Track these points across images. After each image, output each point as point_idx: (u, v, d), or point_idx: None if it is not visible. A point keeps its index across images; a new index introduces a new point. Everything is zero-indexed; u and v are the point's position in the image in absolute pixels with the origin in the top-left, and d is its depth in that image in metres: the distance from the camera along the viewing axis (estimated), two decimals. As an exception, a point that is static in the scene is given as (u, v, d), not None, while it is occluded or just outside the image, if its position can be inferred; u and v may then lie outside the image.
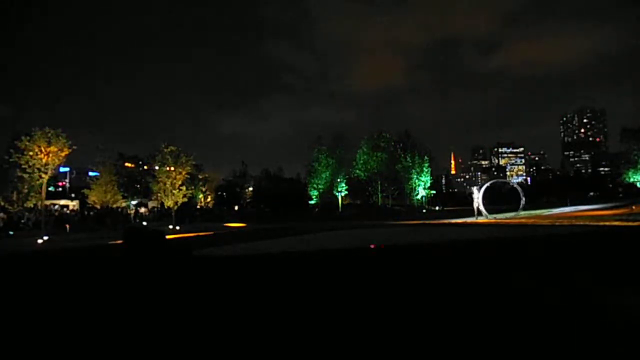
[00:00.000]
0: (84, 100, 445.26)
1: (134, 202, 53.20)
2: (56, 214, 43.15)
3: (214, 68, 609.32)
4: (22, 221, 37.99)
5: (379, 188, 77.07)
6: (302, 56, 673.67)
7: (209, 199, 71.36)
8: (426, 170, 79.44)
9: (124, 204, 52.80)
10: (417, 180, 78.39)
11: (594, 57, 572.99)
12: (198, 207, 61.34)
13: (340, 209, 72.23)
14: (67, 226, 37.46)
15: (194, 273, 10.29)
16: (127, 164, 54.52)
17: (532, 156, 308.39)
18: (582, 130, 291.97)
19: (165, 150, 41.88)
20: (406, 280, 8.04)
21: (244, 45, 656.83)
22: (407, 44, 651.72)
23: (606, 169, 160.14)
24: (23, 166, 33.06)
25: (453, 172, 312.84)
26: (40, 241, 25.85)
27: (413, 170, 78.24)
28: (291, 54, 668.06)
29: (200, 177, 53.93)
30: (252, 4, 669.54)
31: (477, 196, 30.59)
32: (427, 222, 31.22)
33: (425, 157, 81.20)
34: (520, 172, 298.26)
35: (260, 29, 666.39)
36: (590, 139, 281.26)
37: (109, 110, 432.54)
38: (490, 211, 34.06)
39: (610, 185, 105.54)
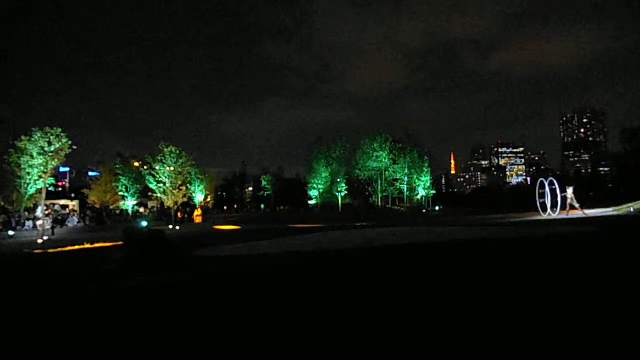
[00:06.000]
0: (84, 101, 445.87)
1: (134, 202, 53.18)
2: (58, 216, 43.04)
3: (215, 68, 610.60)
4: (22, 221, 37.95)
5: (379, 188, 77.10)
6: (302, 57, 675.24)
7: (208, 199, 71.27)
8: (426, 170, 79.35)
9: (124, 206, 52.74)
10: (417, 181, 78.33)
11: (594, 57, 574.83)
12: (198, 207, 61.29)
13: (340, 209, 72.30)
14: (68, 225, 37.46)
15: (195, 273, 10.29)
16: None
17: (532, 156, 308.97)
18: (582, 130, 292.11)
19: (166, 149, 41.81)
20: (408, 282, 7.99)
21: (244, 46, 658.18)
22: (407, 44, 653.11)
23: (606, 169, 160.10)
24: (23, 167, 33.06)
25: (453, 172, 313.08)
26: (40, 241, 25.85)
27: (413, 171, 78.19)
28: (291, 55, 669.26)
29: (200, 177, 53.87)
30: (252, 5, 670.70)
31: (568, 192, 28.82)
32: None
33: (425, 157, 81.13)
34: (520, 172, 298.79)
35: (260, 30, 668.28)
36: (590, 139, 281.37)
37: (109, 110, 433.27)
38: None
39: (610, 186, 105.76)
